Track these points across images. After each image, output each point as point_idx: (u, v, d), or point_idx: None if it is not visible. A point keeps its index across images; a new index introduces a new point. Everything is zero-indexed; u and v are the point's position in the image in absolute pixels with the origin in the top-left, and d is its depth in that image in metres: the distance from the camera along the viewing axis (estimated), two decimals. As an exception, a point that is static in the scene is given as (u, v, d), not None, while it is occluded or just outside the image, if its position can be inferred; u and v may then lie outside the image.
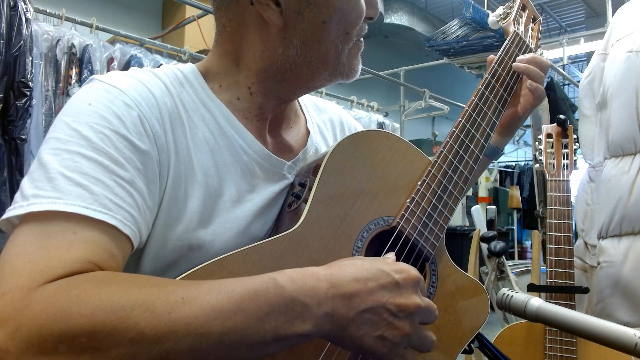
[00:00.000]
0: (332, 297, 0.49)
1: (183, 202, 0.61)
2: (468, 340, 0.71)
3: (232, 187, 0.64)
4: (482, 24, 3.27)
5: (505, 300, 0.70)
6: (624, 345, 0.57)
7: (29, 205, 0.50)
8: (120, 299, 0.44)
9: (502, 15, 0.94)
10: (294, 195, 0.66)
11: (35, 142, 2.15)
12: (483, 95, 0.79)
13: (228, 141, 0.65)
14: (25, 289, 0.44)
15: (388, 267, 0.54)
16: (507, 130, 0.90)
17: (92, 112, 0.56)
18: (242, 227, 0.64)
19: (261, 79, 0.67)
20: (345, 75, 0.68)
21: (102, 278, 0.47)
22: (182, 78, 0.66)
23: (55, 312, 0.42)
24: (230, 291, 0.47)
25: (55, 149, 0.53)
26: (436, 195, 0.69)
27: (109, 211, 0.51)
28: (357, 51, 0.69)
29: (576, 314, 0.63)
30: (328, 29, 0.63)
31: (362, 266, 0.53)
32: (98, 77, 0.61)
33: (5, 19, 1.97)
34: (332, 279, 0.51)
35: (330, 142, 0.82)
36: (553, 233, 1.30)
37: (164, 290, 0.46)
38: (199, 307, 0.45)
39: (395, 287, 0.53)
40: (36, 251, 0.47)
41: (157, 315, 0.43)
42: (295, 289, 0.48)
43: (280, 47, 0.65)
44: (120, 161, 0.54)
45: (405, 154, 0.71)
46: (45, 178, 0.51)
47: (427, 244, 0.67)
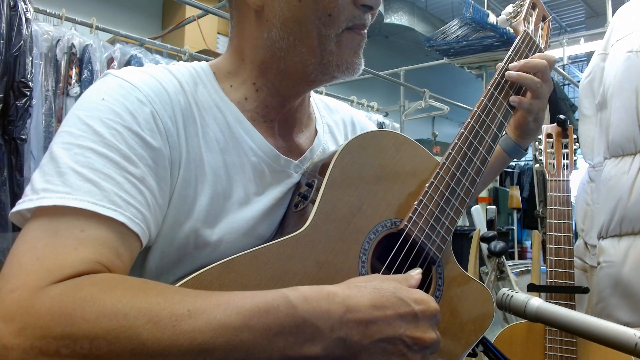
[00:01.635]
0: (347, 322, 0.47)
1: (192, 200, 0.60)
2: (473, 344, 0.71)
3: (240, 189, 0.64)
4: (482, 24, 3.26)
5: (505, 300, 0.70)
6: (624, 345, 0.57)
7: (38, 199, 0.50)
8: (124, 306, 0.43)
9: (512, 14, 0.93)
10: (301, 195, 0.66)
11: (35, 142, 2.15)
12: (492, 96, 0.78)
13: (237, 142, 0.65)
14: (32, 288, 0.44)
15: (408, 296, 0.52)
16: (525, 130, 0.88)
17: (105, 107, 0.56)
18: (248, 228, 0.64)
19: (262, 71, 0.67)
20: (340, 70, 0.65)
21: (109, 282, 0.46)
22: (196, 77, 0.66)
23: (60, 314, 0.42)
24: (239, 306, 0.45)
25: (67, 143, 0.53)
26: (444, 197, 0.68)
27: (117, 208, 0.51)
28: (353, 43, 0.65)
29: (576, 314, 0.63)
30: (305, 7, 0.61)
31: (381, 291, 0.51)
32: (113, 71, 0.61)
33: (5, 19, 1.97)
34: (349, 302, 0.48)
35: (340, 142, 0.81)
36: (553, 233, 1.30)
37: (170, 301, 0.44)
38: (205, 321, 0.43)
39: (413, 318, 0.51)
40: (44, 248, 0.47)
41: (161, 327, 0.42)
42: (307, 310, 0.46)
43: (264, 31, 0.64)
44: (131, 158, 0.54)
45: (414, 155, 0.70)
46: (55, 172, 0.51)
47: (434, 247, 0.66)
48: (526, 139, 0.90)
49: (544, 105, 0.85)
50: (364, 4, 0.64)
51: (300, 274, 0.56)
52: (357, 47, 0.66)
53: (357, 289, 0.50)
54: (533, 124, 0.86)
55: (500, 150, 0.91)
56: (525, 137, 0.89)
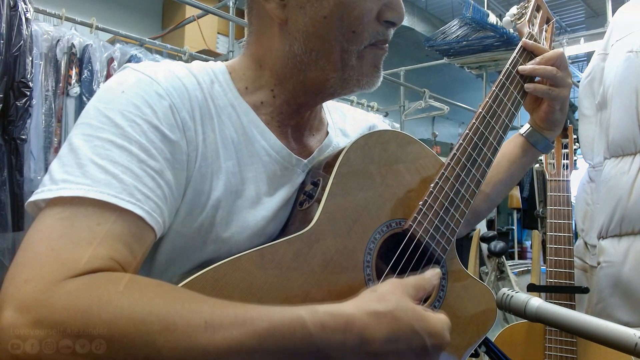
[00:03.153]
0: (359, 353, 0.48)
1: (207, 195, 0.60)
2: (475, 345, 0.71)
3: (251, 188, 0.64)
4: (482, 24, 3.26)
5: (505, 300, 0.70)
6: (624, 345, 0.57)
7: (58, 190, 0.50)
8: (142, 310, 0.43)
9: (517, 16, 0.93)
10: (306, 194, 0.66)
11: (35, 142, 2.15)
12: (497, 98, 0.79)
13: (250, 142, 0.65)
14: (48, 281, 0.44)
15: (424, 328, 0.52)
16: (552, 121, 0.88)
17: (125, 100, 0.56)
18: (259, 228, 0.64)
19: (281, 80, 0.67)
20: (360, 84, 0.65)
21: (126, 282, 0.46)
22: (212, 75, 0.66)
23: (76, 311, 0.42)
24: (255, 325, 0.45)
25: (87, 135, 0.53)
26: (449, 198, 0.68)
27: (137, 201, 0.51)
28: (374, 58, 0.66)
29: (576, 314, 0.63)
30: (330, 24, 0.62)
31: (399, 322, 0.51)
32: (132, 65, 0.61)
33: (5, 19, 1.97)
34: (366, 334, 0.49)
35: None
36: (553, 233, 1.30)
37: (187, 309, 0.44)
38: (221, 338, 0.43)
39: (423, 352, 0.52)
40: (59, 239, 0.47)
41: (177, 336, 0.42)
42: (323, 339, 0.47)
43: (287, 44, 0.64)
44: (150, 151, 0.54)
45: (419, 155, 0.71)
46: (75, 164, 0.51)
47: (438, 248, 0.66)
48: (554, 130, 0.90)
49: (567, 93, 0.85)
50: (388, 19, 0.64)
51: (306, 273, 0.57)
52: (378, 62, 0.67)
53: (376, 318, 0.50)
54: (559, 113, 0.86)
55: (529, 145, 0.91)
56: (552, 128, 0.89)
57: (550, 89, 0.83)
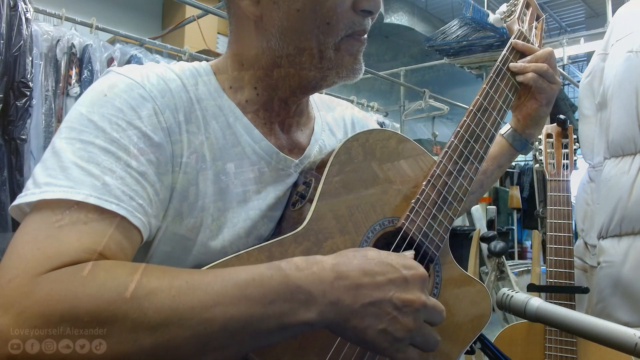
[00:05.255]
0: (337, 287, 0.50)
1: (194, 197, 0.61)
2: (470, 342, 0.71)
3: (239, 187, 0.64)
4: (482, 24, 3.26)
5: (505, 300, 0.70)
6: (624, 345, 0.57)
7: (41, 193, 0.50)
8: (125, 280, 0.45)
9: (507, 13, 0.93)
10: (298, 194, 0.66)
11: (35, 142, 2.15)
12: (488, 95, 0.79)
13: (237, 140, 0.65)
14: (31, 274, 0.44)
15: (397, 262, 0.54)
16: (535, 122, 0.89)
17: (107, 103, 0.56)
18: (247, 228, 0.64)
19: (262, 77, 0.67)
20: (340, 76, 0.65)
21: (111, 264, 0.48)
22: (197, 75, 0.66)
23: (59, 293, 0.43)
24: (234, 278, 0.47)
25: (70, 138, 0.54)
26: (441, 196, 0.69)
27: (120, 202, 0.52)
28: (353, 48, 0.65)
29: (576, 314, 0.63)
30: (304, 17, 0.61)
31: (370, 258, 0.53)
32: (115, 69, 0.61)
33: (5, 19, 1.97)
34: (339, 269, 0.51)
35: (339, 139, 0.81)
36: (553, 233, 1.30)
37: (168, 275, 0.47)
38: (203, 292, 0.45)
39: (402, 282, 0.53)
40: (45, 239, 0.48)
41: (161, 298, 0.44)
42: (300, 277, 0.49)
43: (264, 40, 0.64)
44: (133, 153, 0.55)
45: (411, 153, 0.71)
46: (58, 167, 0.52)
47: (431, 246, 0.67)
48: (535, 128, 0.90)
49: (556, 89, 0.85)
50: (364, 9, 0.63)
51: None
52: (356, 52, 0.66)
53: (347, 258, 0.53)
54: (545, 108, 0.87)
55: (507, 145, 0.92)
56: (535, 126, 0.90)
57: (541, 79, 0.83)
